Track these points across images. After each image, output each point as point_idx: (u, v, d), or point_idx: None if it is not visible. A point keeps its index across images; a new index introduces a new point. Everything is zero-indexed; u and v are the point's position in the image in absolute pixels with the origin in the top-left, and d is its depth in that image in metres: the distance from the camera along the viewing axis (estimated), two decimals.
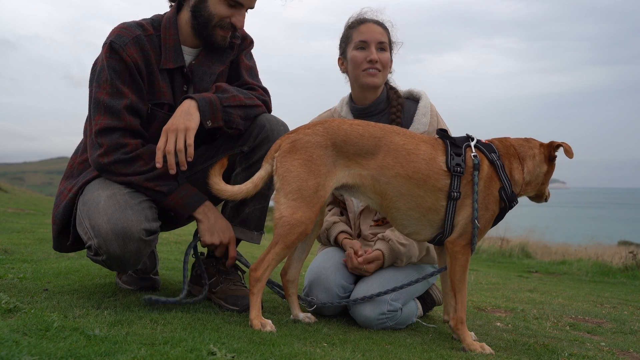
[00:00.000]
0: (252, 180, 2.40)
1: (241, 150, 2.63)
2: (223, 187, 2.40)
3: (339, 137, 2.36)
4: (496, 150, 2.46)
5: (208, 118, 2.45)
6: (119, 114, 2.43)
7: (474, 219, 2.33)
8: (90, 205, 2.35)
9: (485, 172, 2.39)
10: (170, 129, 2.39)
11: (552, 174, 2.57)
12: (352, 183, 2.40)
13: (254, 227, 2.72)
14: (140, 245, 2.32)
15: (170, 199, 2.46)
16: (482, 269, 7.31)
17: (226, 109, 2.50)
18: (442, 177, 2.37)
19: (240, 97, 2.56)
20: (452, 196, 2.36)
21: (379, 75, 2.92)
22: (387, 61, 2.95)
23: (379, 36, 2.92)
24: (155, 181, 2.43)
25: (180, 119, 2.40)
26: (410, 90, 3.09)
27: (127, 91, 2.46)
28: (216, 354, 1.77)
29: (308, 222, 2.31)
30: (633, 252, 8.34)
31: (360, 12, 3.01)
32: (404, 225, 2.46)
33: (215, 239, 2.52)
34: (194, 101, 2.44)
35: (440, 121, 2.95)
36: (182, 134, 2.38)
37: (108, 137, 2.42)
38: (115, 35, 2.48)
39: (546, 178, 2.55)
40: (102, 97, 2.45)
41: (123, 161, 2.42)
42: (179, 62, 2.58)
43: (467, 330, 2.42)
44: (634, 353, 2.73)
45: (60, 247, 2.68)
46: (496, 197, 2.39)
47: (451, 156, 2.38)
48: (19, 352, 1.58)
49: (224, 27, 2.59)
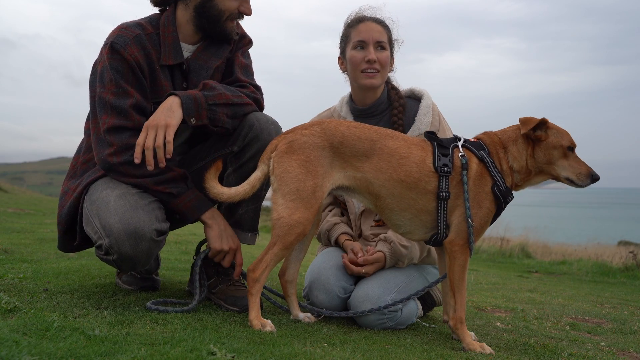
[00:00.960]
0: (249, 182, 2.39)
1: (231, 150, 2.62)
2: (220, 191, 2.39)
3: (336, 139, 2.37)
4: (485, 147, 2.45)
5: (192, 115, 2.43)
6: (126, 113, 2.43)
7: (467, 217, 2.34)
8: (99, 205, 2.35)
9: (475, 170, 2.39)
10: (150, 124, 2.38)
11: (552, 152, 2.42)
12: (347, 185, 2.41)
13: (248, 228, 2.72)
14: (151, 245, 2.32)
15: (179, 201, 2.46)
16: (482, 269, 7.31)
17: (212, 107, 2.48)
18: (432, 179, 2.38)
19: (227, 95, 2.54)
20: (441, 196, 2.37)
21: (378, 76, 2.89)
22: (386, 60, 2.91)
23: (378, 35, 2.89)
24: (165, 184, 2.43)
25: (161, 115, 2.38)
26: (411, 89, 3.06)
27: (132, 90, 2.46)
28: (216, 354, 1.78)
29: (306, 222, 2.31)
30: (633, 252, 8.34)
31: (359, 10, 2.98)
32: (397, 225, 2.48)
33: (225, 245, 2.52)
34: (177, 98, 2.43)
35: (442, 120, 2.93)
36: (162, 130, 2.36)
37: (118, 137, 2.42)
38: (115, 36, 2.48)
39: (546, 158, 2.44)
40: (107, 97, 2.44)
41: (132, 163, 2.40)
42: (179, 59, 2.58)
43: (467, 330, 2.42)
44: (634, 353, 2.73)
45: (65, 247, 2.68)
46: (489, 194, 2.38)
47: (438, 157, 2.39)
48: (19, 352, 1.58)
49: (234, 18, 2.62)
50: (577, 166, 2.43)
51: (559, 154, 2.43)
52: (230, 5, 2.57)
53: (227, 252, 2.55)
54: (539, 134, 2.44)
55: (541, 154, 2.44)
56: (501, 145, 2.47)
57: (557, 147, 2.43)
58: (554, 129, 2.45)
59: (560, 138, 2.43)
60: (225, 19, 2.59)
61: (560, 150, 2.43)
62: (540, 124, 2.42)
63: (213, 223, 2.51)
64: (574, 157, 2.45)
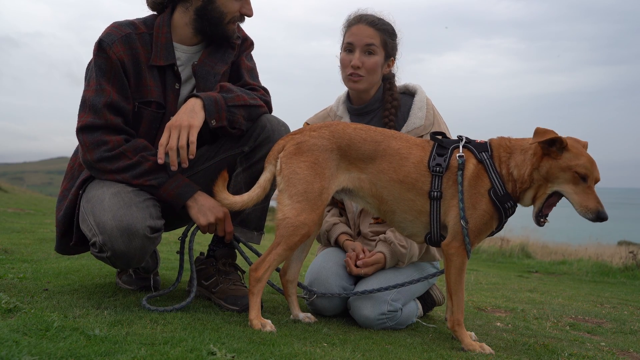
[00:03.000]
0: (259, 185, 2.40)
1: (242, 150, 2.63)
2: (233, 200, 2.39)
3: (343, 141, 2.38)
4: (489, 150, 2.40)
5: (213, 117, 2.45)
6: (100, 111, 2.43)
7: (461, 218, 2.32)
8: (94, 203, 2.35)
9: (471, 170, 2.36)
10: (173, 125, 2.39)
11: (558, 172, 2.25)
12: (351, 187, 2.42)
13: (254, 227, 2.72)
14: (144, 242, 2.32)
15: (162, 191, 2.45)
16: (482, 269, 7.31)
17: (230, 108, 2.50)
18: (428, 179, 2.37)
19: (244, 97, 2.56)
20: (432, 196, 2.35)
21: (362, 81, 2.86)
22: (374, 65, 2.84)
23: (367, 39, 2.83)
24: (144, 177, 2.42)
25: (184, 116, 2.40)
26: (405, 85, 3.05)
27: (110, 89, 2.46)
28: (216, 354, 1.78)
29: (312, 224, 2.31)
30: (633, 252, 8.34)
31: (357, 11, 2.95)
32: (402, 228, 2.49)
33: (211, 218, 2.48)
34: (200, 100, 2.44)
35: (436, 115, 2.92)
36: (185, 131, 2.38)
37: (89, 135, 2.43)
38: (105, 34, 2.49)
39: (548, 174, 2.27)
40: (87, 94, 2.46)
41: (107, 159, 2.42)
42: (170, 60, 2.57)
43: (465, 331, 2.41)
44: (634, 353, 2.73)
45: (63, 249, 2.68)
46: (485, 196, 2.33)
47: (433, 157, 2.39)
48: (19, 352, 1.58)
49: (236, 20, 2.62)
50: (585, 197, 2.23)
51: (567, 177, 2.25)
52: (232, 7, 2.57)
53: (214, 223, 2.51)
54: (553, 151, 2.27)
55: (547, 171, 2.28)
56: (508, 150, 2.38)
57: (566, 169, 2.24)
58: (571, 152, 2.25)
59: (574, 162, 2.23)
60: (227, 21, 2.59)
61: (570, 174, 2.24)
62: (555, 140, 2.25)
63: (192, 203, 2.48)
64: (586, 187, 2.24)
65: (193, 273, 2.62)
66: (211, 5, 2.56)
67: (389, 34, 2.93)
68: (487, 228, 2.38)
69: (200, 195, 2.50)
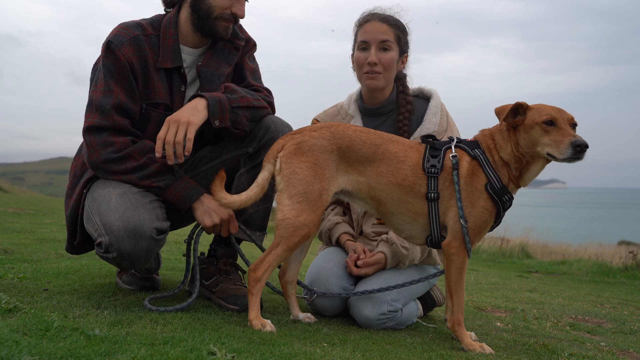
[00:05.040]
0: (257, 184, 2.39)
1: (246, 151, 2.63)
2: (231, 199, 2.39)
3: (343, 143, 2.38)
4: (481, 146, 2.42)
5: (217, 117, 2.45)
6: (107, 112, 2.43)
7: (460, 217, 2.33)
8: (100, 203, 2.35)
9: (466, 168, 2.37)
10: (173, 119, 2.40)
11: (531, 132, 2.29)
12: (350, 189, 2.42)
13: (257, 227, 2.72)
14: (151, 244, 2.32)
15: (168, 192, 2.46)
16: (482, 269, 7.31)
17: (234, 109, 2.50)
18: (424, 181, 2.38)
19: (248, 98, 2.56)
20: (430, 197, 2.36)
21: (380, 77, 2.87)
22: (390, 61, 2.86)
23: (381, 35, 2.84)
24: (151, 178, 2.43)
25: (185, 113, 2.40)
26: (420, 88, 3.04)
27: (118, 91, 2.46)
28: (216, 354, 1.78)
29: (312, 225, 2.31)
30: (633, 252, 8.34)
31: (369, 10, 2.95)
32: (400, 230, 2.49)
33: (216, 219, 2.50)
34: (204, 99, 2.45)
35: (450, 120, 2.92)
36: (183, 127, 2.38)
37: (96, 136, 2.43)
38: (113, 35, 2.49)
39: (528, 141, 2.31)
40: (95, 95, 2.46)
41: (114, 160, 2.42)
42: (177, 62, 2.58)
43: (465, 330, 2.41)
44: (634, 353, 2.73)
45: (72, 248, 2.69)
46: (482, 192, 2.34)
47: (427, 159, 2.39)
48: (19, 352, 1.58)
49: (226, 18, 2.60)
50: (558, 138, 2.23)
51: (538, 132, 2.28)
52: (221, 2, 2.56)
53: (219, 224, 2.53)
54: (519, 119, 2.34)
55: (522, 139, 2.33)
56: (491, 137, 2.43)
57: (533, 126, 2.29)
58: (533, 109, 2.32)
59: (537, 115, 2.29)
60: (215, 16, 2.57)
61: (538, 128, 2.28)
62: (516, 108, 2.33)
63: (198, 205, 2.50)
64: (557, 129, 2.25)
65: (196, 274, 2.62)
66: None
67: (401, 29, 2.92)
68: (486, 225, 2.39)
69: (206, 197, 2.51)
